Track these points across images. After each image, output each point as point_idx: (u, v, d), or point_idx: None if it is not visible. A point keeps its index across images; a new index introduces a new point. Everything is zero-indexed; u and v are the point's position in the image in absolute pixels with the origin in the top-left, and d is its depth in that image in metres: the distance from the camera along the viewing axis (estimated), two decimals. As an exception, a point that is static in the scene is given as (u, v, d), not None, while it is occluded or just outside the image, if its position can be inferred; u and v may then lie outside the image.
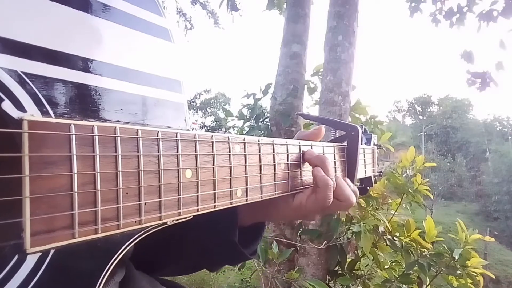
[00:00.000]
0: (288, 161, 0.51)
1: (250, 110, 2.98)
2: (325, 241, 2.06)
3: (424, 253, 1.96)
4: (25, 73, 0.25)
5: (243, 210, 0.57)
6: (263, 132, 2.79)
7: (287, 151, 0.51)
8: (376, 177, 0.81)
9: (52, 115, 0.26)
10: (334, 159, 0.61)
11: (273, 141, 0.48)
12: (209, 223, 0.53)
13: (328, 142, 0.64)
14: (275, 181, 0.48)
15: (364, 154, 0.73)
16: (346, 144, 0.66)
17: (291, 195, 0.54)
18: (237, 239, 0.56)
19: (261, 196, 0.45)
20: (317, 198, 0.52)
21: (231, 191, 0.40)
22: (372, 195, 2.03)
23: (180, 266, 0.64)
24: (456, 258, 1.85)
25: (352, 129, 0.66)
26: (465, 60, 4.66)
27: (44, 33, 0.27)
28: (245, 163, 0.43)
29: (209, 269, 0.65)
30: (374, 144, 0.81)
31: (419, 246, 1.99)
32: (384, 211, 2.15)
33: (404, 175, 2.13)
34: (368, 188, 0.77)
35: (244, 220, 0.58)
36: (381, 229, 2.05)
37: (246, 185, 0.42)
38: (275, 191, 0.48)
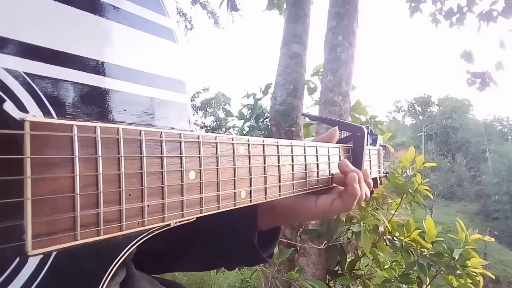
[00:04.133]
0: (293, 162, 0.50)
1: (250, 110, 2.98)
2: (325, 241, 2.05)
3: (424, 253, 1.96)
4: (27, 74, 0.25)
5: (263, 214, 0.58)
6: (263, 132, 2.79)
7: (292, 152, 0.50)
8: (382, 178, 0.81)
9: (55, 116, 0.26)
10: (340, 160, 0.61)
11: (277, 142, 0.47)
12: (229, 225, 0.55)
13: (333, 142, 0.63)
14: (279, 183, 0.47)
15: (369, 155, 0.72)
16: (352, 145, 0.65)
17: (313, 202, 0.56)
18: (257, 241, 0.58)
19: (265, 198, 0.45)
20: (344, 204, 0.54)
21: (235, 192, 0.40)
22: (372, 195, 2.02)
23: (199, 264, 0.67)
24: (456, 258, 1.85)
25: (358, 130, 0.65)
26: (465, 60, 4.66)
27: (46, 33, 0.26)
28: (249, 164, 0.42)
29: (227, 268, 0.67)
30: (379, 145, 0.81)
31: (419, 246, 1.99)
32: (384, 211, 2.15)
33: (404, 175, 2.13)
34: (373, 189, 0.76)
35: (263, 224, 0.59)
36: (381, 229, 2.05)
37: (250, 187, 0.42)
38: (279, 192, 0.48)
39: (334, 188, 0.59)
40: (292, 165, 0.50)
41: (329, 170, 0.58)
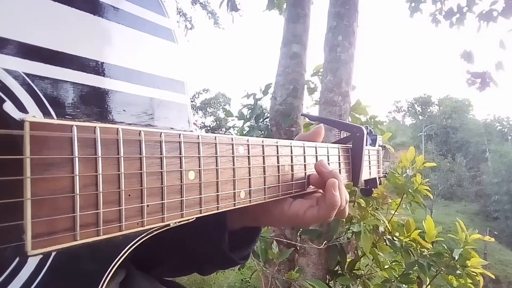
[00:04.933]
0: (292, 162, 0.50)
1: (250, 110, 2.98)
2: (325, 241, 2.05)
3: (424, 253, 1.96)
4: (27, 74, 0.25)
5: (232, 215, 0.53)
6: (263, 132, 2.79)
7: (291, 152, 0.50)
8: (381, 178, 0.81)
9: (54, 116, 0.26)
10: (339, 160, 0.61)
11: (277, 142, 0.47)
12: (196, 228, 0.49)
13: (332, 143, 0.63)
14: (279, 183, 0.47)
15: (369, 156, 0.72)
16: (351, 145, 0.65)
17: (287, 204, 0.51)
18: (229, 242, 0.54)
19: (265, 198, 0.45)
20: (319, 214, 0.49)
21: (234, 192, 0.40)
22: (372, 195, 2.02)
23: (171, 269, 0.61)
24: (456, 258, 1.85)
25: (357, 130, 0.65)
26: (465, 60, 4.66)
27: (46, 34, 0.27)
28: (249, 165, 0.42)
29: (200, 273, 0.63)
30: (379, 145, 0.81)
31: (419, 246, 1.99)
32: (384, 211, 2.15)
33: (404, 175, 2.13)
34: (372, 189, 0.76)
35: (234, 225, 0.55)
36: (381, 229, 2.05)
37: (249, 187, 0.42)
38: (279, 192, 0.47)
39: (315, 194, 0.54)
40: (292, 165, 0.50)
41: None
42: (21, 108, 0.24)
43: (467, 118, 43.06)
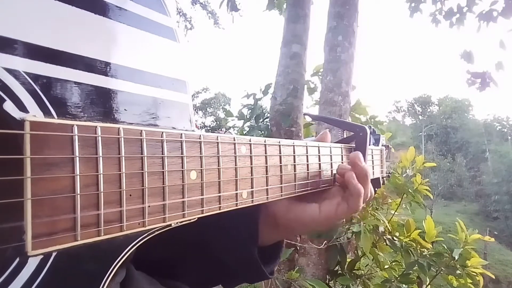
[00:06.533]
0: (295, 162, 0.50)
1: (250, 110, 2.98)
2: (325, 241, 2.06)
3: (424, 253, 1.97)
4: (28, 73, 0.25)
5: (264, 227, 0.55)
6: (263, 132, 2.79)
7: (294, 152, 0.50)
8: (384, 178, 0.80)
9: (55, 115, 0.26)
10: (342, 160, 0.61)
11: (279, 142, 0.47)
12: (228, 237, 0.52)
13: (335, 142, 0.63)
14: (281, 183, 0.47)
15: (372, 155, 0.72)
16: (354, 145, 0.65)
17: (315, 209, 0.53)
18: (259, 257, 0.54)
19: (267, 198, 0.44)
20: (350, 206, 0.52)
21: (236, 193, 0.40)
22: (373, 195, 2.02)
23: (196, 277, 0.61)
24: (456, 258, 1.86)
25: (360, 130, 0.65)
26: (465, 60, 4.67)
27: (47, 33, 0.26)
28: (251, 164, 0.42)
29: (225, 286, 0.63)
30: (382, 145, 0.80)
31: (419, 246, 2.00)
32: (384, 211, 2.16)
33: (404, 175, 2.13)
34: (375, 189, 0.76)
35: (265, 238, 0.56)
36: (381, 229, 2.05)
37: (251, 187, 0.42)
38: (281, 193, 0.47)
39: (335, 191, 0.56)
40: (294, 165, 0.50)
41: (331, 170, 0.58)
42: (22, 107, 0.24)
43: (467, 118, 43.13)
